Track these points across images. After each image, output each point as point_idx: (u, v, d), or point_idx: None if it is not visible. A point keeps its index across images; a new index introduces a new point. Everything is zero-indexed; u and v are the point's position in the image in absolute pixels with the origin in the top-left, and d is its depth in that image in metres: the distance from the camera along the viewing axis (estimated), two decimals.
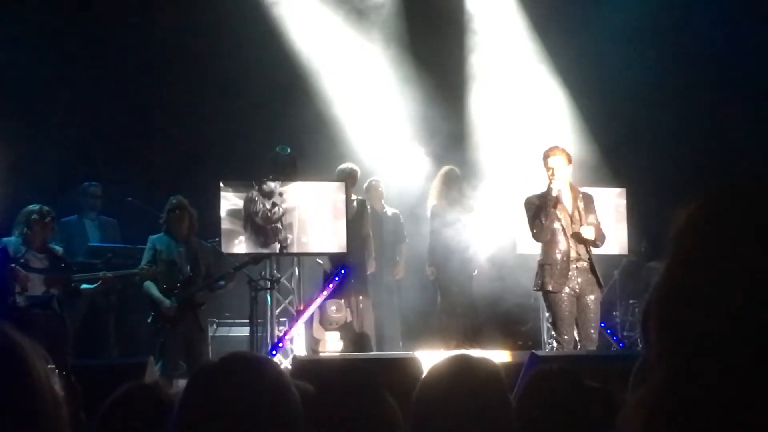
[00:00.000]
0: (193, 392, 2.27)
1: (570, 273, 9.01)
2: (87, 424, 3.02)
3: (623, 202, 11.47)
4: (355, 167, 11.88)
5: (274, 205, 10.71)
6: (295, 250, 11.00)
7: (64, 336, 8.88)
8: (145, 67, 12.73)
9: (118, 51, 12.73)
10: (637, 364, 2.44)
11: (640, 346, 12.09)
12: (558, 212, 9.08)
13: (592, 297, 9.13)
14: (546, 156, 9.14)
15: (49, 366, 1.51)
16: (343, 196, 11.11)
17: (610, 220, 10.67)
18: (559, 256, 9.03)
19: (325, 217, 11.02)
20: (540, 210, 9.02)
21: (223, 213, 10.64)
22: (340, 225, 10.99)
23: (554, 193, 8.99)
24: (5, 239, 9.07)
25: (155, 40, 12.65)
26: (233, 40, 12.76)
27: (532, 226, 9.17)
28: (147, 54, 12.76)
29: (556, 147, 9.29)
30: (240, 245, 10.68)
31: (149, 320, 9.47)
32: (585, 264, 9.11)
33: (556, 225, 9.06)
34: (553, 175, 9.00)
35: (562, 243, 9.06)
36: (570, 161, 9.21)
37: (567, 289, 8.99)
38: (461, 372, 3.04)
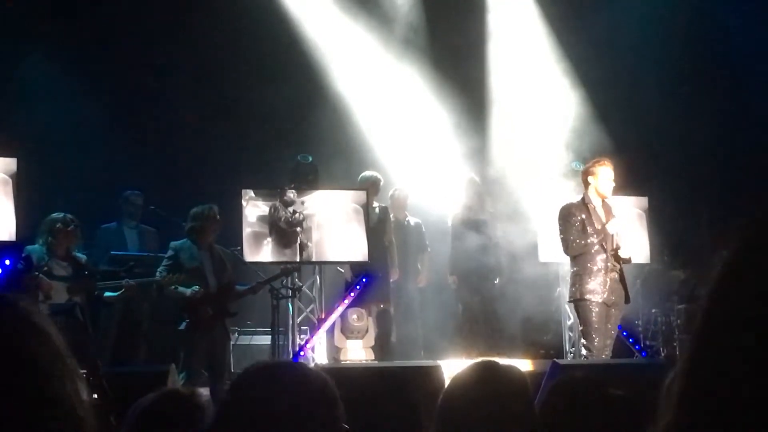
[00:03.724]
0: (236, 398, 2.27)
1: (606, 282, 9.06)
2: (116, 428, 3.04)
3: (645, 210, 11.45)
4: (378, 175, 11.89)
5: (294, 212, 10.74)
6: (316, 258, 11.02)
7: (89, 343, 8.90)
8: (168, 77, 12.79)
9: (142, 62, 12.78)
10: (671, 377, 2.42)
11: (662, 354, 12.06)
12: (596, 223, 9.15)
13: (617, 309, 9.24)
14: (599, 165, 9.28)
15: (82, 371, 1.51)
16: (365, 204, 11.12)
17: (632, 228, 10.65)
18: (596, 266, 9.08)
19: (346, 225, 11.04)
20: (585, 225, 9.08)
21: (252, 218, 10.72)
22: (361, 233, 11.01)
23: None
24: (29, 247, 9.10)
25: (178, 50, 12.71)
26: (256, 47, 12.81)
27: (568, 241, 9.19)
28: (169, 63, 12.82)
29: (605, 159, 9.43)
30: (266, 248, 10.73)
31: (181, 327, 9.40)
32: (616, 275, 9.17)
33: (595, 236, 9.12)
34: (608, 187, 9.16)
35: (599, 252, 9.10)
36: None
37: (601, 299, 9.03)
38: (487, 378, 3.04)
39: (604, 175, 9.18)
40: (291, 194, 10.81)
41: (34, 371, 1.40)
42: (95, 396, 6.49)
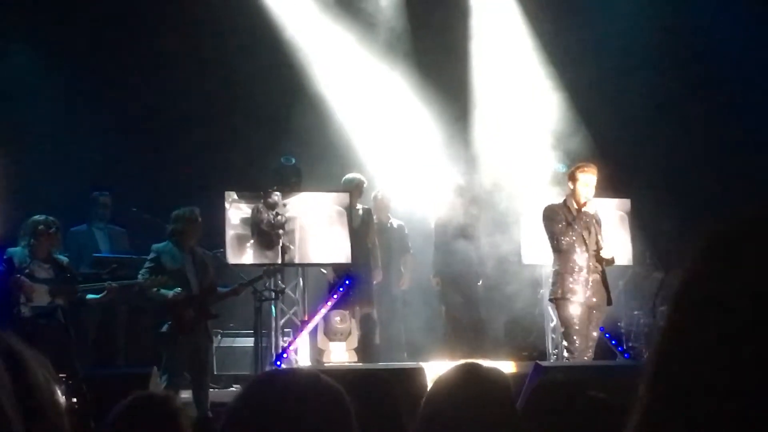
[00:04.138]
0: (245, 405, 2.25)
1: (588, 283, 9.09)
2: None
3: (628, 212, 11.50)
4: (362, 178, 11.90)
5: (277, 214, 10.73)
6: (299, 260, 11.02)
7: (70, 346, 8.87)
8: (149, 78, 12.75)
9: (125, 62, 12.74)
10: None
11: (645, 356, 12.09)
12: (576, 226, 9.19)
13: (599, 311, 9.28)
14: (579, 171, 9.31)
15: (60, 375, 1.50)
16: (348, 206, 11.13)
17: (614, 230, 10.69)
18: (577, 266, 9.13)
19: (329, 227, 11.05)
20: (569, 224, 9.12)
21: (235, 220, 10.72)
22: (344, 235, 11.02)
23: (591, 212, 9.21)
24: (11, 250, 9.06)
25: (162, 51, 12.68)
26: (237, 49, 12.78)
27: (556, 235, 9.23)
28: (153, 64, 12.78)
29: (589, 164, 9.51)
30: (248, 250, 10.72)
31: (164, 329, 9.35)
32: (598, 276, 9.21)
33: (578, 237, 9.16)
34: (588, 191, 9.19)
35: (580, 253, 9.15)
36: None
37: (582, 299, 9.06)
38: (470, 381, 3.03)
39: (583, 180, 9.21)
40: (275, 196, 10.79)
41: None
42: (74, 400, 6.46)
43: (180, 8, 12.70)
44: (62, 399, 1.56)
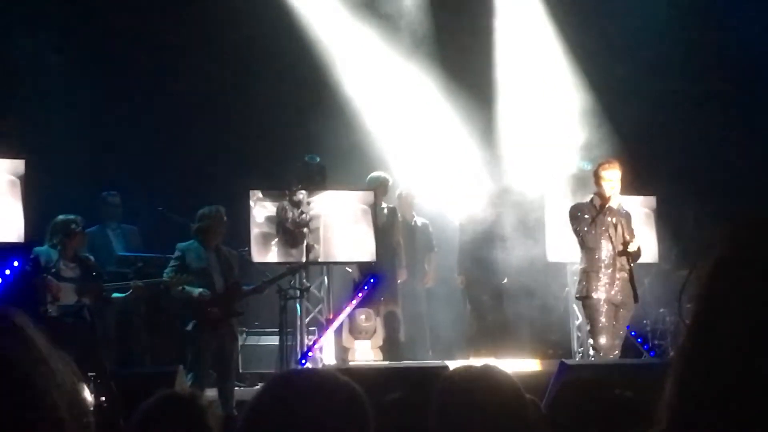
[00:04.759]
0: (263, 404, 2.26)
1: (614, 281, 9.06)
2: (125, 430, 3.04)
3: (653, 210, 11.46)
4: (387, 176, 11.90)
5: (302, 213, 10.74)
6: (323, 258, 11.03)
7: (97, 345, 8.91)
8: (174, 76, 12.78)
9: (146, 60, 12.77)
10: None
11: (671, 354, 12.03)
12: (600, 224, 9.17)
13: (626, 309, 9.23)
14: (602, 169, 9.27)
15: (89, 374, 1.50)
16: (373, 205, 11.14)
17: (640, 228, 10.65)
18: (603, 264, 9.09)
19: (354, 225, 11.06)
20: (594, 219, 9.09)
21: (260, 219, 10.75)
22: (369, 233, 11.02)
23: (615, 206, 9.13)
24: (37, 249, 9.10)
25: (187, 51, 12.71)
26: (264, 49, 12.79)
27: (581, 233, 9.20)
28: (178, 65, 12.81)
29: (613, 160, 9.47)
30: (273, 248, 10.75)
31: (189, 327, 9.39)
32: (626, 275, 9.18)
33: (603, 234, 9.13)
34: (612, 187, 9.12)
35: (607, 251, 9.11)
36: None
37: (609, 297, 9.04)
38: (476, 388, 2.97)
39: (607, 177, 9.18)
40: (301, 195, 10.80)
41: (11, 375, 1.40)
42: (102, 398, 6.49)
43: (206, 10, 12.73)
44: (90, 398, 1.57)
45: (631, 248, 9.17)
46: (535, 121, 13.16)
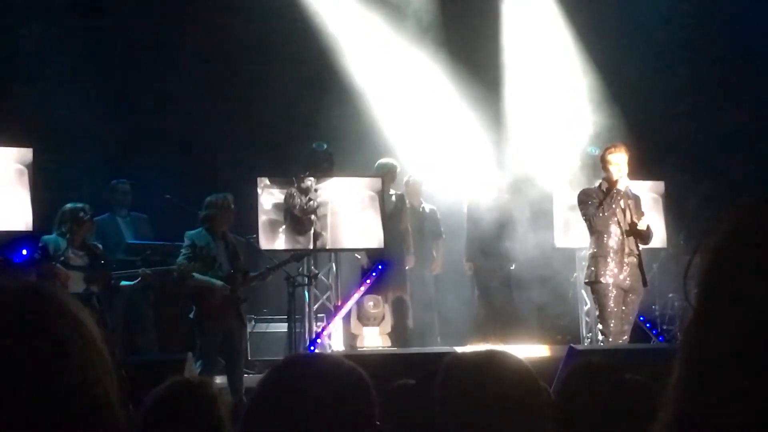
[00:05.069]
0: (268, 389, 2.26)
1: (623, 266, 9.05)
2: (134, 417, 3.05)
3: (661, 195, 11.45)
4: (394, 162, 11.91)
5: (310, 200, 10.76)
6: (331, 245, 11.04)
7: (105, 333, 8.93)
8: (181, 64, 12.78)
9: (155, 49, 12.77)
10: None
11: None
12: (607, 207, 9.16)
13: (635, 295, 9.21)
14: (609, 153, 9.28)
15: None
16: (380, 192, 11.14)
17: (648, 213, 10.64)
18: (612, 249, 9.09)
19: (361, 212, 11.06)
20: (601, 203, 9.08)
21: (268, 206, 10.76)
22: (377, 220, 11.03)
23: (622, 188, 9.12)
24: (45, 237, 9.12)
25: (195, 40, 12.71)
26: (268, 35, 12.78)
27: (589, 216, 9.20)
28: (183, 50, 12.81)
29: (620, 144, 9.48)
30: (281, 236, 10.76)
31: (191, 315, 9.43)
32: (635, 260, 9.17)
33: (612, 218, 9.12)
34: (619, 170, 9.11)
35: (616, 236, 9.11)
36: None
37: (618, 282, 9.03)
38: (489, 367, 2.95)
39: (614, 161, 9.18)
40: (309, 181, 10.81)
41: (64, 358, 1.37)
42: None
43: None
44: None
45: (641, 226, 9.14)
46: (543, 107, 13.15)
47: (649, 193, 11.23)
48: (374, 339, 11.37)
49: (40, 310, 1.39)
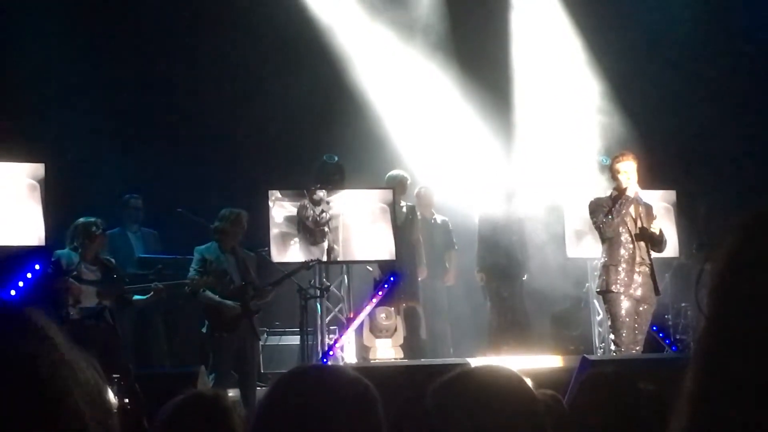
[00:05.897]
0: (274, 401, 2.27)
1: (635, 276, 9.03)
2: (149, 430, 3.06)
3: (673, 204, 11.43)
4: (405, 174, 11.92)
5: (322, 211, 10.79)
6: (343, 257, 11.05)
7: (119, 346, 8.94)
8: (194, 78, 12.81)
9: (168, 65, 12.80)
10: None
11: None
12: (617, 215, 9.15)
13: (648, 305, 9.19)
14: (617, 161, 9.30)
15: (113, 376, 1.50)
16: (392, 203, 11.14)
17: (660, 222, 10.62)
18: (624, 258, 9.07)
19: (373, 224, 11.06)
20: (611, 209, 9.07)
21: (279, 219, 10.77)
22: (388, 232, 11.03)
23: (631, 195, 9.10)
24: (58, 252, 9.13)
25: (205, 54, 12.76)
26: (279, 48, 12.83)
27: (599, 224, 9.19)
28: (193, 63, 12.85)
29: (628, 152, 9.50)
30: (292, 248, 10.77)
31: (204, 329, 9.43)
32: (647, 269, 9.15)
33: (623, 227, 9.11)
34: (628, 178, 9.10)
35: (627, 245, 9.10)
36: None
37: (630, 292, 9.01)
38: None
39: (623, 169, 9.18)
40: (321, 194, 10.83)
41: (32, 375, 1.41)
42: (126, 400, 6.51)
43: (223, 11, 12.77)
44: (114, 399, 1.57)
45: (653, 230, 9.13)
46: (553, 117, 13.15)
47: (660, 202, 11.20)
48: (387, 351, 11.35)
49: (12, 330, 1.42)
